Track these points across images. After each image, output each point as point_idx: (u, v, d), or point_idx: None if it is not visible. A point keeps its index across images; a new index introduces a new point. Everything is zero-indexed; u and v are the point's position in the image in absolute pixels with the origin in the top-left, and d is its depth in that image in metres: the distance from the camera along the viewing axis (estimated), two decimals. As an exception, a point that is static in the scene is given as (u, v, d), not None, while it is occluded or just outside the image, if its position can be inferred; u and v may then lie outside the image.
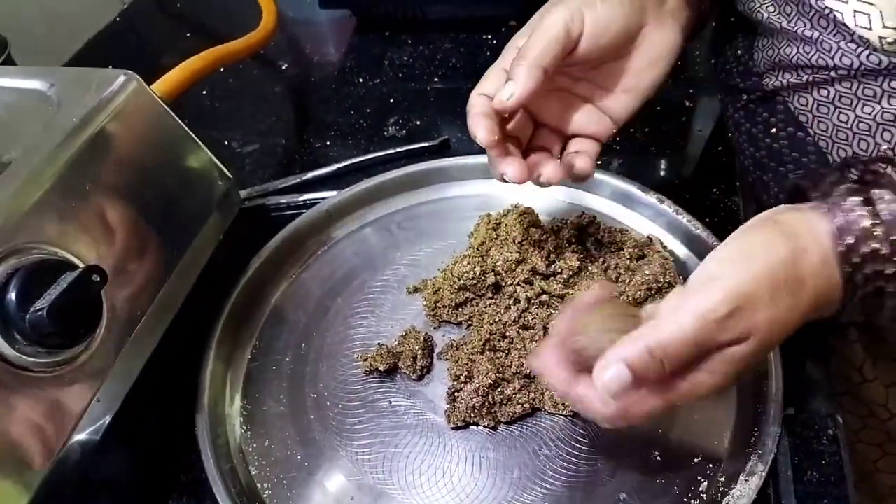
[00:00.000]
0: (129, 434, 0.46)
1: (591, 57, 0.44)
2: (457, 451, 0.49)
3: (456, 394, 0.50)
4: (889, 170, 0.35)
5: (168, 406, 0.51)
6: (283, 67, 0.88)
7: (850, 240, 0.34)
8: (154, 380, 0.47)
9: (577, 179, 0.48)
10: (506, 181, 0.45)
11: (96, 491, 0.47)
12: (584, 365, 0.37)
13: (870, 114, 0.43)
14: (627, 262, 0.56)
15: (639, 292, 0.53)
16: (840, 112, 0.44)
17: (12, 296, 0.38)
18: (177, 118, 0.51)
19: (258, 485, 0.48)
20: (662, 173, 0.67)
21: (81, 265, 0.41)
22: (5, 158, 0.43)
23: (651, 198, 0.61)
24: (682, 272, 0.57)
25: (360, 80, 0.83)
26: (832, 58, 0.43)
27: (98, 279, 0.41)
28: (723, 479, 0.45)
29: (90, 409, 0.42)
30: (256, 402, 0.53)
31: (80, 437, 0.41)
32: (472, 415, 0.49)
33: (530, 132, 0.49)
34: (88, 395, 0.42)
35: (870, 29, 0.40)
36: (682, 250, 0.59)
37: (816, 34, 0.43)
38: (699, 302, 0.33)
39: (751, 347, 0.34)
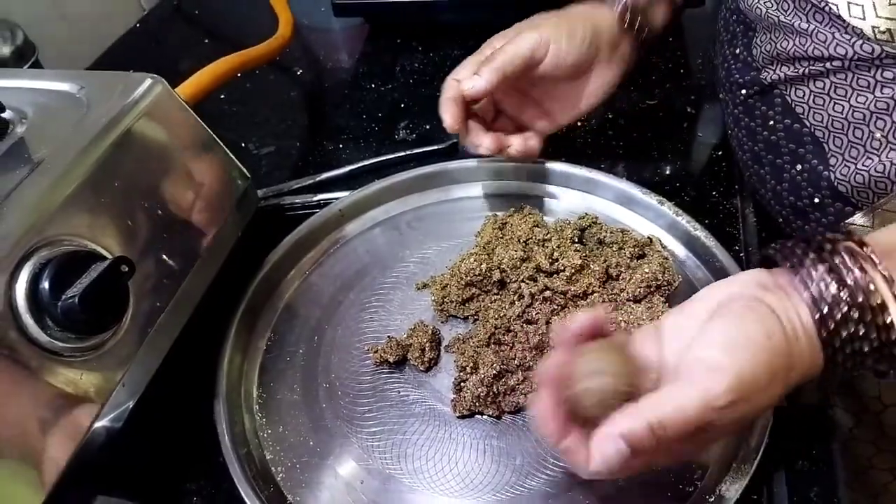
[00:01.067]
0: (150, 419, 0.48)
1: (548, 76, 0.58)
2: (462, 438, 0.51)
3: (462, 384, 0.52)
4: (849, 244, 0.37)
5: (187, 394, 0.53)
6: (299, 73, 0.91)
7: (831, 325, 0.35)
8: (175, 368, 0.50)
9: (528, 154, 0.62)
10: (473, 154, 0.58)
11: (118, 474, 0.49)
12: (576, 413, 0.38)
13: (863, 103, 0.45)
14: (628, 260, 0.58)
15: (638, 289, 0.55)
16: (835, 103, 0.46)
17: (45, 284, 0.40)
18: (199, 120, 0.54)
19: (272, 468, 0.50)
20: (664, 176, 0.69)
21: (110, 257, 0.44)
22: (38, 157, 0.46)
23: (652, 200, 0.63)
24: (681, 271, 0.59)
25: (373, 86, 0.86)
26: (827, 48, 0.45)
27: (126, 269, 0.43)
28: (716, 469, 0.47)
29: (115, 394, 0.44)
30: (271, 390, 0.55)
31: (104, 422, 0.44)
32: (477, 404, 0.51)
33: (492, 116, 0.63)
34: (114, 380, 0.44)
35: (863, 19, 0.42)
36: (681, 250, 0.61)
37: (812, 26, 0.45)
38: (705, 388, 0.34)
39: (737, 427, 0.37)
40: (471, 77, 0.55)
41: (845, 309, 0.35)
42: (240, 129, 0.80)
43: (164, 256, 0.49)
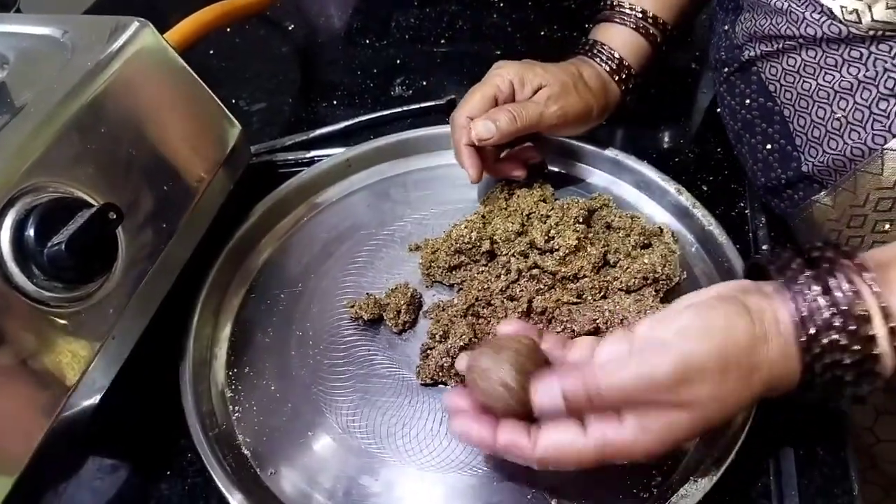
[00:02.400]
0: (140, 375, 0.47)
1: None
2: (423, 407, 0.49)
3: (429, 351, 0.51)
4: (838, 256, 0.36)
5: (176, 344, 0.52)
6: (290, 28, 0.88)
7: (812, 330, 0.34)
8: (161, 320, 0.49)
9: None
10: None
11: (109, 434, 0.50)
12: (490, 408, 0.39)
13: (830, 82, 0.46)
14: (630, 248, 0.54)
15: (633, 280, 0.52)
16: (804, 80, 0.48)
17: (31, 231, 0.39)
18: (188, 67, 0.52)
19: (229, 406, 0.50)
20: (683, 163, 0.64)
21: (97, 204, 0.43)
22: (20, 102, 0.45)
23: (670, 187, 0.58)
24: (687, 267, 0.55)
25: (367, 42, 0.83)
26: (798, 28, 0.46)
27: (114, 217, 0.43)
28: (677, 478, 0.43)
29: (106, 346, 0.44)
30: (245, 330, 0.55)
31: (94, 376, 0.43)
32: (441, 374, 0.49)
33: None
34: (104, 332, 0.43)
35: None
36: (692, 245, 0.57)
37: (786, 5, 0.47)
38: (647, 365, 0.34)
39: (690, 417, 0.35)
40: (485, 124, 0.54)
41: (827, 315, 0.34)
42: (230, 85, 0.78)
43: (154, 206, 0.48)
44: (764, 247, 0.55)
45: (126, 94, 0.48)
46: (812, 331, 0.34)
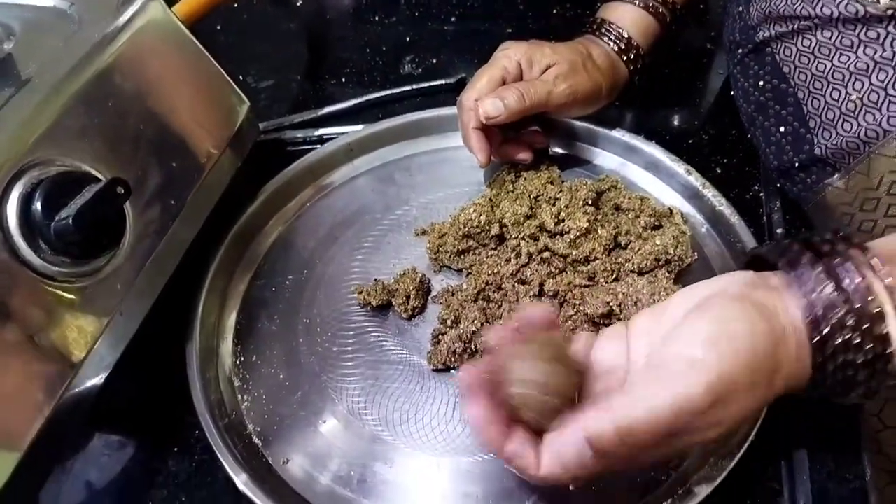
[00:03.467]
0: (146, 352, 0.47)
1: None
2: (434, 392, 0.49)
3: (440, 337, 0.50)
4: (849, 249, 0.34)
5: (181, 323, 0.52)
6: (298, 4, 0.86)
7: (825, 330, 0.33)
8: (168, 298, 0.49)
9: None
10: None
11: (116, 410, 0.50)
12: (516, 415, 0.35)
13: (845, 63, 0.45)
14: (641, 230, 0.54)
15: (645, 261, 0.51)
16: (819, 61, 0.47)
17: (37, 205, 0.39)
18: (196, 40, 0.51)
19: (238, 396, 0.50)
20: (696, 145, 0.63)
21: (105, 178, 0.42)
22: (26, 74, 0.43)
23: (679, 168, 0.58)
24: (699, 248, 0.54)
25: (376, 19, 0.81)
26: (814, 7, 0.46)
27: (122, 191, 0.42)
28: (694, 461, 0.43)
29: (113, 323, 0.43)
30: (251, 318, 0.54)
31: (101, 352, 0.42)
32: (453, 359, 0.49)
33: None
34: (112, 307, 0.43)
35: None
36: (703, 226, 0.56)
37: None
38: (680, 390, 0.31)
39: (712, 436, 0.33)
40: (493, 101, 0.53)
41: (841, 314, 0.32)
42: (237, 61, 0.76)
43: (162, 181, 0.47)
44: (779, 230, 0.55)
45: (133, 67, 0.47)
46: (825, 330, 0.32)
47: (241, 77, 0.75)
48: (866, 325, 0.32)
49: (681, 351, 0.33)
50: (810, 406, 0.45)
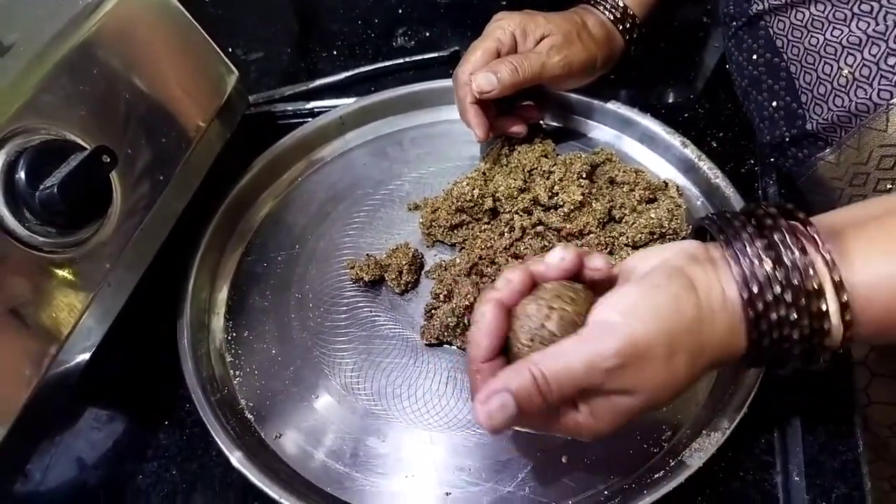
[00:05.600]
0: (134, 327, 0.47)
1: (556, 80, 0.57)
2: (427, 366, 0.49)
3: (433, 311, 0.50)
4: (792, 222, 0.34)
5: (171, 298, 0.51)
6: None
7: (760, 306, 0.32)
8: (157, 272, 0.48)
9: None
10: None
11: (106, 385, 0.49)
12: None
13: (837, 37, 0.45)
14: (636, 203, 0.53)
15: (640, 235, 0.51)
16: (812, 35, 0.46)
17: (21, 174, 0.38)
18: (183, 9, 0.50)
19: (230, 371, 0.49)
20: (691, 118, 0.63)
21: (90, 147, 0.41)
22: (9, 41, 0.42)
23: (675, 140, 0.57)
24: (693, 221, 0.54)
25: None
26: None
27: (108, 160, 0.41)
28: (686, 434, 0.43)
29: (101, 295, 0.42)
30: (243, 294, 0.54)
31: (89, 324, 0.42)
32: (446, 334, 0.48)
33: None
34: (99, 279, 0.42)
35: None
36: (698, 198, 0.56)
37: None
38: (592, 348, 0.32)
39: (636, 402, 0.33)
40: (486, 76, 0.53)
41: (778, 290, 0.32)
42: (226, 33, 0.75)
43: (150, 152, 0.47)
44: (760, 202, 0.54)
45: (119, 35, 0.46)
46: (760, 306, 0.32)
47: (230, 49, 0.74)
48: (803, 302, 0.32)
49: (604, 315, 0.33)
50: (803, 379, 0.45)
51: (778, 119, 0.51)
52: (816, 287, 0.32)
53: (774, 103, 0.51)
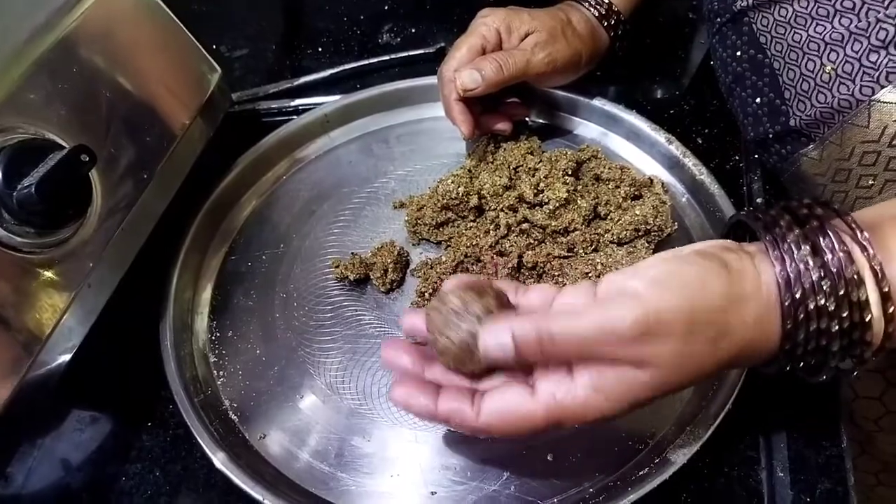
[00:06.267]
0: (118, 327, 0.47)
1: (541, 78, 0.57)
2: (412, 366, 0.48)
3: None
4: (829, 214, 0.33)
5: (154, 298, 0.51)
6: None
7: (798, 293, 0.31)
8: (139, 272, 0.48)
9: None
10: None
11: (92, 386, 0.49)
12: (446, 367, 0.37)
13: (820, 34, 0.45)
14: (621, 200, 0.53)
15: (625, 231, 0.51)
16: (795, 31, 0.46)
17: None
18: (164, 5, 0.50)
19: (214, 372, 0.49)
20: (677, 115, 0.63)
21: (68, 146, 0.40)
22: None
23: (660, 137, 0.57)
24: (679, 218, 0.54)
25: None
26: None
27: (87, 159, 0.41)
28: (671, 431, 0.43)
29: (81, 295, 0.42)
30: (227, 294, 0.53)
31: (70, 325, 0.42)
32: (431, 332, 0.48)
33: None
34: (79, 279, 0.42)
35: None
36: (683, 195, 0.56)
37: None
38: (610, 313, 0.31)
39: (648, 378, 0.32)
40: (470, 73, 0.53)
41: (816, 277, 0.31)
42: (211, 30, 0.74)
43: (130, 150, 0.46)
44: (758, 200, 0.55)
45: (98, 32, 0.45)
46: (798, 294, 0.31)
47: (214, 46, 0.73)
48: (842, 291, 0.31)
49: (625, 282, 0.32)
50: (787, 375, 0.44)
51: (762, 115, 0.51)
52: (856, 276, 0.31)
53: (758, 100, 0.51)
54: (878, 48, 0.43)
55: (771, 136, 0.50)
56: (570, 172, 0.54)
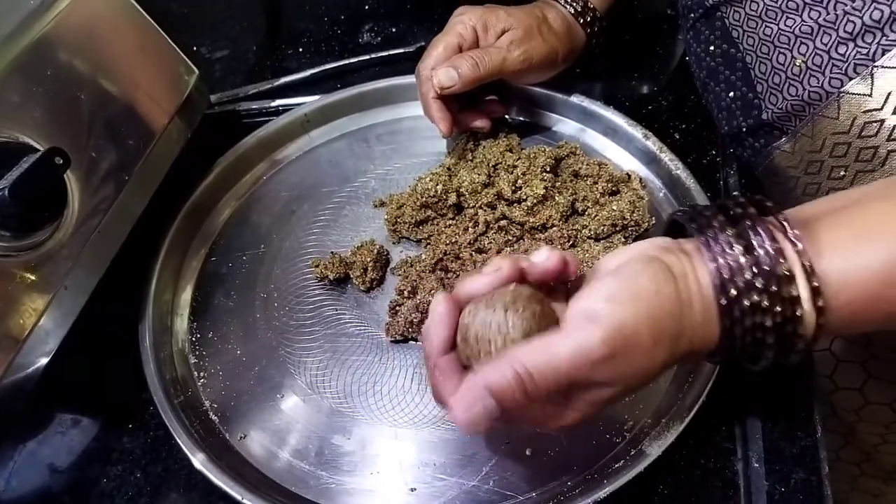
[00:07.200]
0: (99, 330, 0.47)
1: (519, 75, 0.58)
2: (392, 363, 0.49)
3: (397, 308, 0.50)
4: (761, 212, 0.34)
5: (125, 295, 0.51)
6: None
7: (732, 292, 0.32)
8: (118, 274, 0.48)
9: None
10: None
11: (75, 390, 0.49)
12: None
13: (791, 27, 0.45)
14: (598, 196, 0.53)
15: (602, 227, 0.51)
16: (766, 25, 0.47)
17: None
18: (138, 7, 0.50)
19: (194, 373, 0.49)
20: (655, 110, 0.63)
21: (43, 149, 0.41)
22: None
23: (637, 132, 0.57)
24: (656, 213, 0.54)
25: None
26: None
27: (61, 161, 0.41)
28: (648, 424, 0.44)
29: (58, 297, 0.42)
30: (207, 294, 0.53)
31: (48, 327, 0.42)
32: (410, 330, 0.48)
33: None
34: (56, 281, 0.42)
35: None
36: (660, 190, 0.56)
37: None
38: (578, 340, 0.31)
39: (614, 392, 0.33)
40: (447, 71, 0.53)
41: (749, 276, 0.32)
42: (191, 31, 0.74)
43: (106, 152, 0.46)
44: (734, 194, 0.55)
45: (73, 34, 0.45)
46: (733, 293, 0.32)
47: (194, 48, 0.73)
48: (775, 287, 0.31)
49: (584, 306, 0.33)
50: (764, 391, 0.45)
51: (735, 109, 0.51)
52: (787, 272, 0.31)
53: (731, 94, 0.51)
54: (846, 40, 0.43)
55: (744, 129, 0.51)
56: (548, 169, 0.54)
